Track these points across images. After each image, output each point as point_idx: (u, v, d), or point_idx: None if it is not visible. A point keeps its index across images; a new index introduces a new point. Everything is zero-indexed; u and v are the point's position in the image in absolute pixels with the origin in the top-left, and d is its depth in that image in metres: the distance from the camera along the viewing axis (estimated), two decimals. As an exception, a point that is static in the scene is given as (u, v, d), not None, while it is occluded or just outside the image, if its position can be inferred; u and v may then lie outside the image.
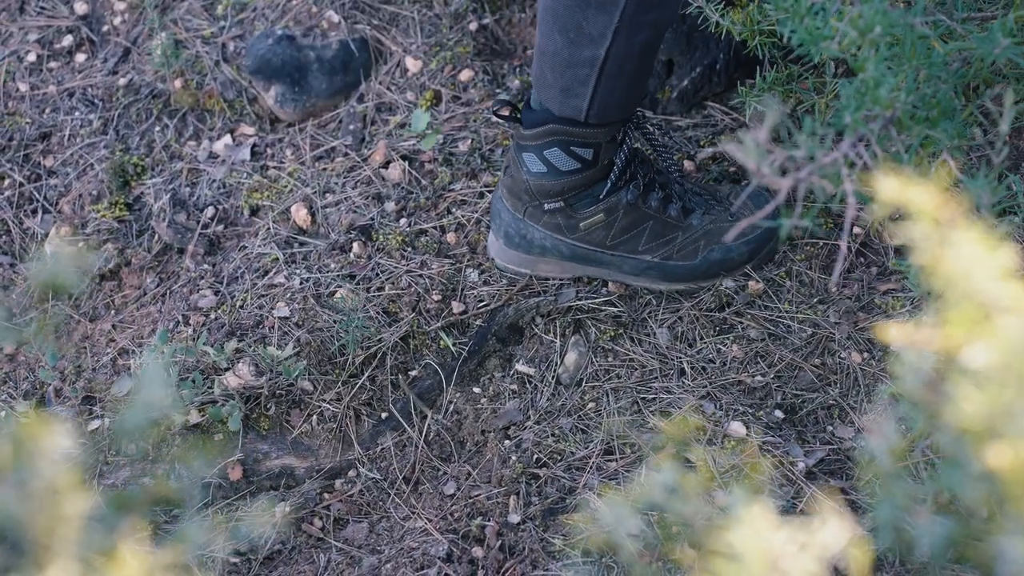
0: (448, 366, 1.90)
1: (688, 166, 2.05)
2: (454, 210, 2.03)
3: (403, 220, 2.02)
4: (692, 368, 1.85)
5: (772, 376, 1.83)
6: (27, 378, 1.99)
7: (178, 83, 2.21)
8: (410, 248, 1.99)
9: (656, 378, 1.85)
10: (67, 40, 2.31)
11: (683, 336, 1.89)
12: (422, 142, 2.09)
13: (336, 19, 2.22)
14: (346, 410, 1.87)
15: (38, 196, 2.17)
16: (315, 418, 1.86)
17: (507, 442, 1.81)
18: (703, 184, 1.98)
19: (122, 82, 2.24)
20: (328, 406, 1.87)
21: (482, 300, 1.94)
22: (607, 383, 1.85)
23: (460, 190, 2.05)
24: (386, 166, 2.09)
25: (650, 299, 1.93)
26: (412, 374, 1.90)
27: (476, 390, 1.89)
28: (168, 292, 2.03)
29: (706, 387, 1.82)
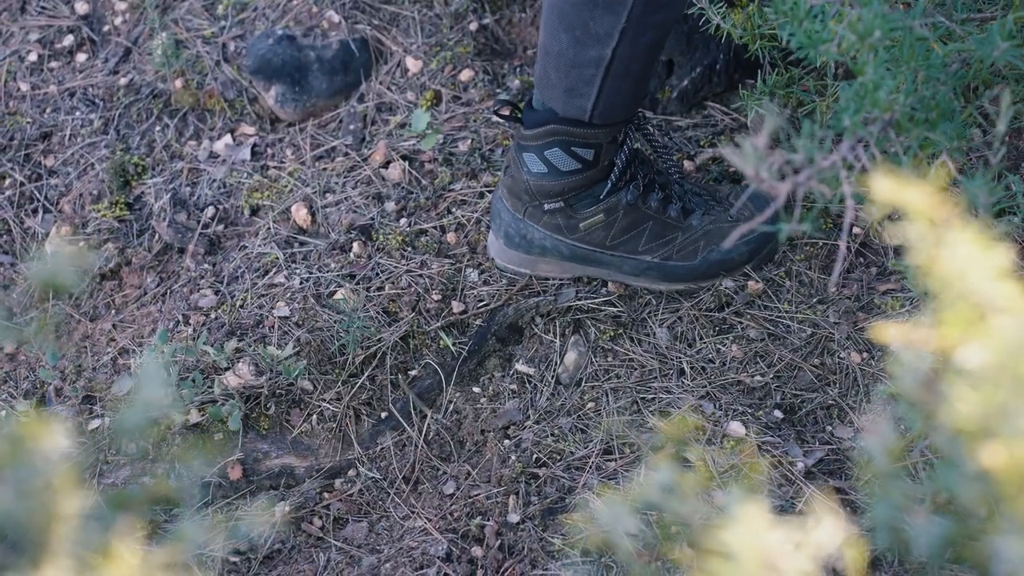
0: (448, 366, 1.90)
1: (688, 166, 2.05)
2: (454, 210, 2.03)
3: (403, 220, 2.02)
4: (691, 368, 1.85)
5: (771, 376, 1.83)
6: (27, 377, 1.99)
7: (179, 83, 2.21)
8: (410, 248, 1.99)
9: (656, 378, 1.85)
10: (68, 40, 2.31)
11: (683, 336, 1.89)
12: (422, 142, 2.09)
13: (336, 19, 2.23)
14: (346, 410, 1.87)
15: (39, 196, 2.17)
16: (315, 418, 1.86)
17: (507, 442, 1.81)
18: (703, 184, 1.98)
19: (123, 82, 2.24)
20: (328, 406, 1.87)
21: (482, 300, 1.94)
22: (607, 383, 1.85)
23: (460, 190, 2.05)
24: (386, 166, 2.09)
25: (650, 299, 1.93)
26: (412, 374, 1.90)
27: (476, 390, 1.89)
28: (168, 292, 2.03)
29: (705, 387, 1.82)
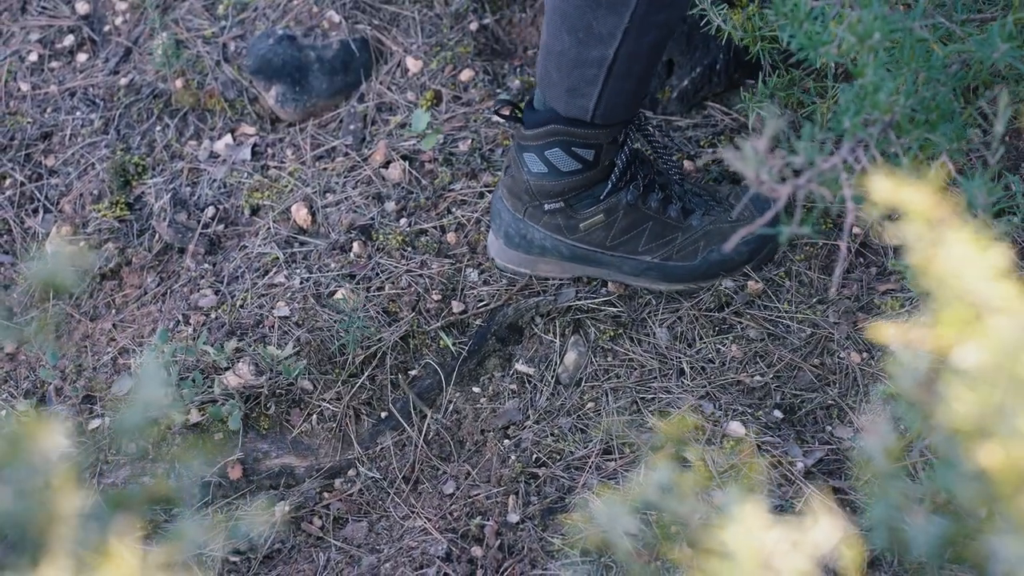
0: (448, 366, 1.90)
1: (688, 166, 2.05)
2: (454, 210, 2.03)
3: (403, 220, 2.02)
4: (691, 368, 1.85)
5: (771, 376, 1.83)
6: (28, 377, 2.00)
7: (179, 83, 2.21)
8: (410, 248, 1.99)
9: (655, 378, 1.85)
10: (68, 40, 2.31)
11: (682, 336, 1.89)
12: (422, 142, 2.09)
13: (337, 19, 2.23)
14: (346, 409, 1.87)
15: (39, 195, 2.17)
16: (315, 417, 1.86)
17: (506, 442, 1.81)
18: (703, 185, 1.98)
19: (123, 82, 2.25)
20: (328, 405, 1.87)
21: (482, 300, 1.94)
22: (606, 383, 1.85)
23: (460, 190, 2.05)
24: (386, 166, 2.09)
25: (650, 299, 1.93)
26: (412, 374, 1.91)
27: (476, 390, 1.89)
28: (168, 291, 2.03)
29: (705, 387, 1.82)
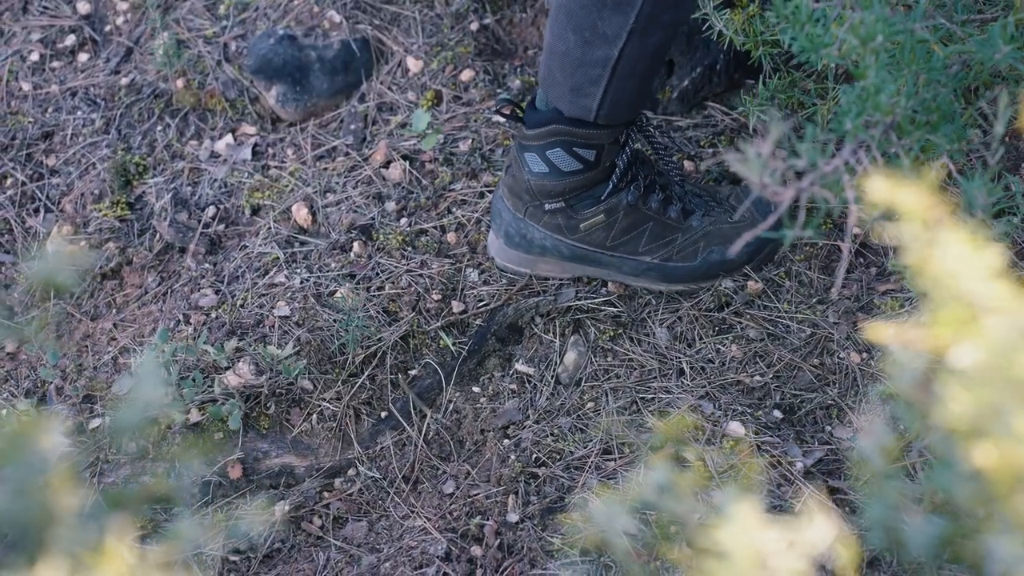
0: (448, 365, 1.90)
1: (688, 167, 2.05)
2: (454, 210, 2.03)
3: (403, 220, 2.02)
4: (691, 368, 1.85)
5: (771, 376, 1.83)
6: (28, 376, 2.00)
7: (180, 83, 2.22)
8: (410, 248, 1.99)
9: (655, 378, 1.85)
10: (70, 40, 2.31)
11: (682, 336, 1.89)
12: (423, 142, 2.09)
13: (337, 19, 2.23)
14: (346, 409, 1.87)
15: (40, 195, 2.17)
16: (315, 417, 1.87)
17: (506, 441, 1.81)
18: (703, 185, 1.98)
19: (124, 82, 2.25)
20: (328, 405, 1.87)
21: (482, 300, 1.94)
22: (606, 383, 1.85)
23: (460, 190, 2.05)
24: (387, 166, 2.09)
25: (649, 299, 1.93)
26: (412, 373, 1.91)
27: (476, 389, 1.89)
28: (169, 291, 2.03)
29: (705, 387, 1.82)
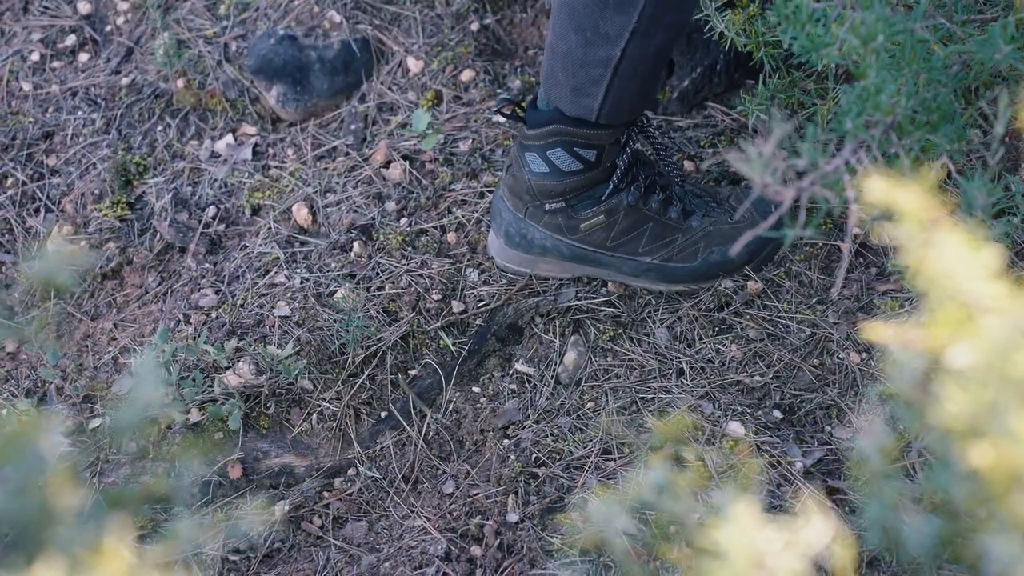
0: (448, 365, 1.90)
1: (688, 167, 2.05)
2: (454, 210, 2.03)
3: (403, 220, 2.03)
4: (691, 368, 1.85)
5: (771, 376, 1.83)
6: (29, 376, 2.00)
7: (180, 83, 2.22)
8: (410, 248, 1.99)
9: (655, 378, 1.85)
10: (70, 40, 2.32)
11: (682, 336, 1.89)
12: (423, 142, 2.09)
13: (338, 19, 2.23)
14: (346, 409, 1.87)
15: (41, 195, 2.18)
16: (315, 417, 1.87)
17: (506, 441, 1.81)
18: (703, 186, 1.98)
19: (125, 82, 2.25)
20: (328, 405, 1.87)
21: (482, 300, 1.94)
22: (606, 383, 1.85)
23: (460, 190, 2.05)
24: (387, 166, 2.09)
25: (649, 299, 1.93)
26: (412, 373, 1.91)
27: (475, 389, 1.89)
28: (169, 291, 2.03)
29: (705, 387, 1.82)
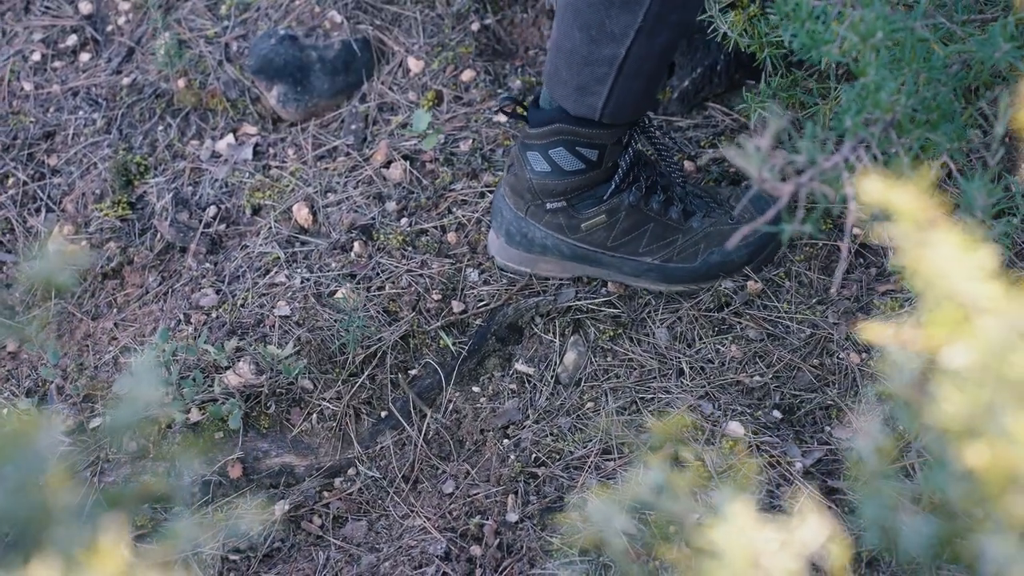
0: (448, 365, 1.90)
1: (689, 167, 2.05)
2: (455, 210, 2.03)
3: (404, 220, 2.03)
4: (691, 368, 1.85)
5: (770, 376, 1.83)
6: (29, 376, 2.00)
7: (181, 83, 2.22)
8: (411, 248, 1.99)
9: (655, 378, 1.85)
10: (71, 40, 2.32)
11: (682, 336, 1.89)
12: (423, 142, 2.09)
13: (338, 19, 2.23)
14: (346, 409, 1.87)
15: (42, 195, 2.18)
16: (315, 416, 1.87)
17: (506, 441, 1.82)
18: (704, 187, 1.98)
19: (126, 81, 2.25)
20: (328, 405, 1.87)
21: (482, 300, 1.95)
22: (606, 383, 1.85)
23: (461, 190, 2.05)
24: (387, 166, 2.09)
25: (649, 299, 1.93)
26: (412, 373, 1.91)
27: (475, 389, 1.89)
28: (170, 291, 2.03)
29: (704, 387, 1.82)
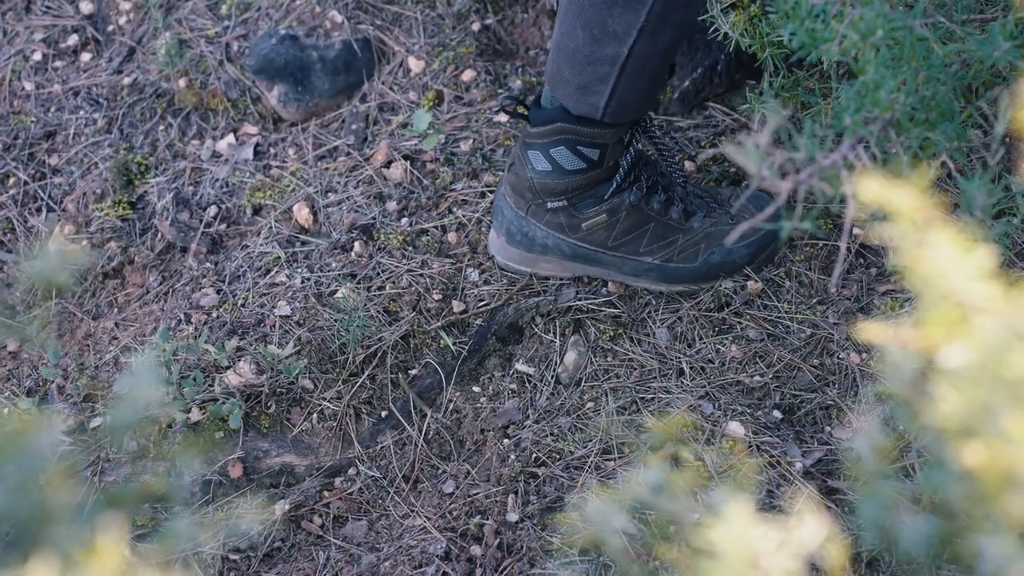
0: (448, 365, 1.90)
1: (689, 167, 2.05)
2: (455, 210, 2.03)
3: (404, 219, 2.03)
4: (691, 368, 1.85)
5: (771, 376, 1.83)
6: (30, 375, 2.00)
7: (182, 82, 2.22)
8: (411, 247, 1.99)
9: (655, 378, 1.85)
10: (72, 39, 2.32)
11: (682, 336, 1.89)
12: (424, 142, 2.09)
13: (339, 19, 2.23)
14: (346, 408, 1.87)
15: (43, 194, 2.18)
16: (315, 416, 1.87)
17: (506, 441, 1.82)
18: (704, 187, 1.98)
19: (127, 81, 2.25)
20: (328, 404, 1.87)
21: (482, 299, 1.95)
22: (606, 383, 1.85)
23: (461, 190, 2.05)
24: (388, 166, 2.09)
25: (649, 299, 1.93)
26: (412, 373, 1.91)
27: (476, 389, 1.89)
28: (170, 290, 2.03)
29: (705, 387, 1.82)
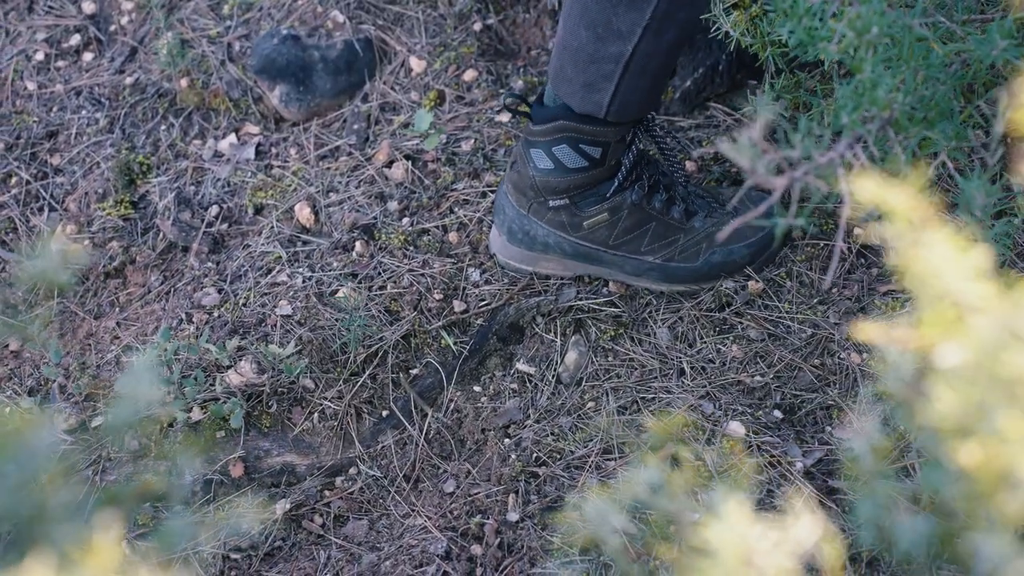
0: (449, 365, 1.90)
1: (690, 167, 2.05)
2: (456, 209, 2.04)
3: (405, 219, 2.03)
4: (692, 368, 1.85)
5: (771, 376, 1.83)
6: (32, 374, 2.01)
7: (184, 82, 2.22)
8: (412, 247, 2.00)
9: (656, 378, 1.85)
10: (75, 39, 2.32)
11: (683, 336, 1.89)
12: (425, 142, 2.09)
13: (341, 19, 2.23)
14: (347, 408, 1.88)
15: (44, 194, 2.18)
16: (316, 416, 1.87)
17: (507, 440, 1.82)
18: (706, 187, 1.98)
19: (128, 81, 2.25)
20: (329, 404, 1.87)
21: (483, 299, 1.95)
22: (607, 382, 1.85)
23: (463, 190, 2.05)
24: (389, 165, 2.10)
25: (650, 299, 1.93)
26: (413, 372, 1.91)
27: (477, 389, 1.89)
28: (172, 290, 2.04)
29: (705, 387, 1.82)
